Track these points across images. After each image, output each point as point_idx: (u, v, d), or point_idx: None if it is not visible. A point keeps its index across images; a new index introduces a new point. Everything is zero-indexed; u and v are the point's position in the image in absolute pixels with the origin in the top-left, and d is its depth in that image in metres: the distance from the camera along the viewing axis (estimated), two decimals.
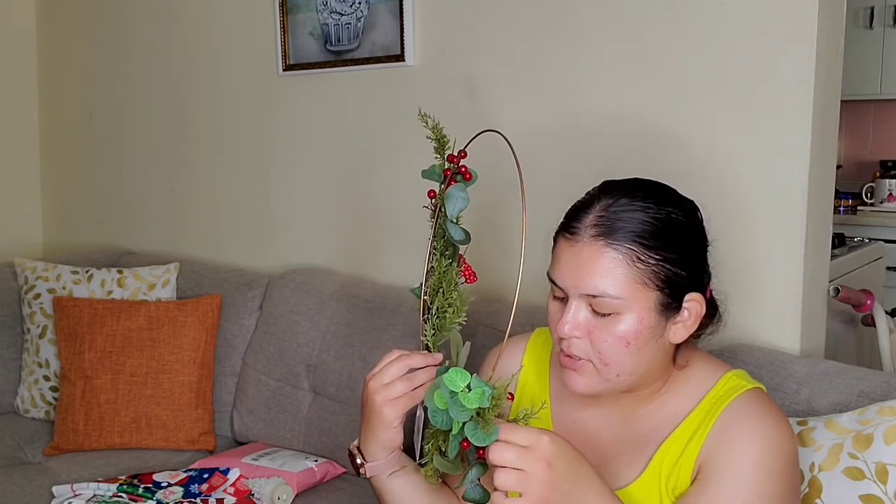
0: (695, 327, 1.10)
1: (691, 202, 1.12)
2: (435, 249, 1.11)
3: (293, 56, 2.27)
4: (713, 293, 1.16)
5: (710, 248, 1.13)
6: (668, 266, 1.04)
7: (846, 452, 1.20)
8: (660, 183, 1.12)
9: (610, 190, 1.08)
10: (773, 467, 1.04)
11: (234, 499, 1.76)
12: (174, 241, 2.64)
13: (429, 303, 1.11)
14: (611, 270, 1.03)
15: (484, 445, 0.95)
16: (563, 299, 1.07)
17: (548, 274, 1.10)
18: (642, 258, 1.03)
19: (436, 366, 1.09)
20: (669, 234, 1.05)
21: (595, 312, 1.05)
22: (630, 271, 1.03)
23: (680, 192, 1.12)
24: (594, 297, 1.03)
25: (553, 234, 1.12)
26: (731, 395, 1.09)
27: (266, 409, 2.07)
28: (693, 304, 1.08)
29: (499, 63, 1.92)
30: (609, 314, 1.04)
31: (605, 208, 1.05)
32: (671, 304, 1.06)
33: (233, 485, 1.80)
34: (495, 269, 1.94)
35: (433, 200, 1.11)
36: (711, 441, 1.06)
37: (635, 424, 1.13)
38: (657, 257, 1.03)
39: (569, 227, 1.07)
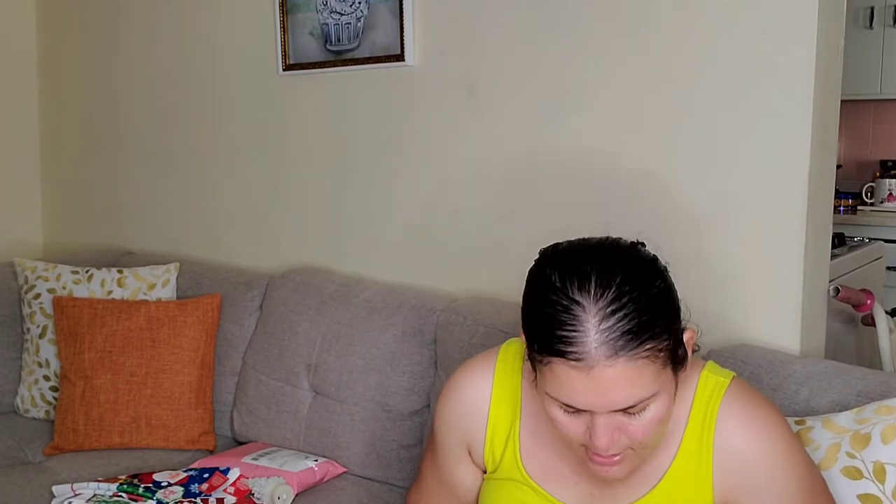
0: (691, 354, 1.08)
1: (643, 245, 1.04)
2: None
3: (293, 56, 2.27)
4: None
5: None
6: (674, 336, 1.01)
7: (844, 452, 1.20)
8: (614, 243, 1.03)
9: (581, 285, 0.96)
10: (792, 447, 1.09)
11: (234, 498, 1.76)
12: (174, 241, 2.64)
13: None
14: (640, 377, 0.96)
15: None
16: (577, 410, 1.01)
17: (550, 395, 1.01)
18: (660, 346, 0.97)
19: None
20: (662, 305, 1.00)
21: (627, 413, 0.99)
22: (655, 365, 0.97)
23: (624, 238, 1.05)
24: (630, 406, 0.98)
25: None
26: (716, 394, 1.10)
27: (266, 409, 2.07)
28: (689, 341, 1.06)
29: (499, 63, 1.92)
30: (644, 409, 0.99)
31: (601, 318, 0.94)
32: (679, 358, 1.03)
33: (233, 484, 1.80)
34: (495, 270, 1.94)
35: None
36: (724, 460, 1.08)
37: None
38: (667, 335, 0.98)
39: (568, 353, 0.95)
